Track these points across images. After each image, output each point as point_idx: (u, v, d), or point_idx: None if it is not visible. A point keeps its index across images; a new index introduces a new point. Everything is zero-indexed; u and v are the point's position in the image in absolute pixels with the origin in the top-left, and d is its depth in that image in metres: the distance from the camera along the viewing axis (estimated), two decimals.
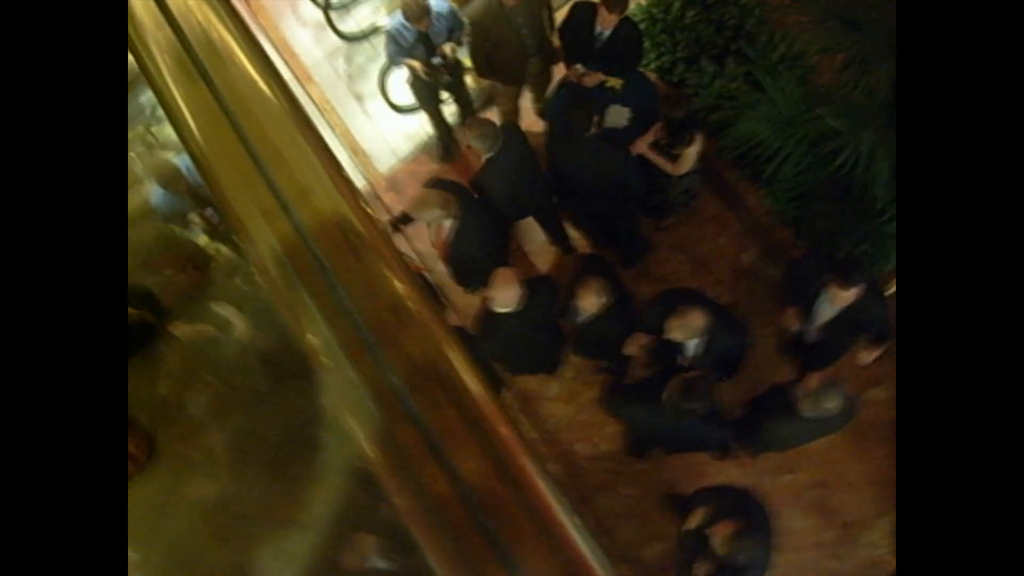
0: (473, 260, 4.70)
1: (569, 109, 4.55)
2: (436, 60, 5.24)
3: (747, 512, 3.91)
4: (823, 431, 4.24)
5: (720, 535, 3.71)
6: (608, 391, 4.68)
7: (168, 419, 2.59)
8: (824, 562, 4.94)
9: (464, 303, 5.63)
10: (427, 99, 5.78)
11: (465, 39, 5.23)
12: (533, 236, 5.90)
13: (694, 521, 4.08)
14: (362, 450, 1.77)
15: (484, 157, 4.60)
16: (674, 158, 4.79)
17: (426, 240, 4.99)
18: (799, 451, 5.08)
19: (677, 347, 4.32)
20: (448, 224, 4.48)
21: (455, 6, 5.20)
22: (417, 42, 5.07)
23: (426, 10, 4.78)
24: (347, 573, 2.79)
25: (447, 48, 5.21)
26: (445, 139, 6.20)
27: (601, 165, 4.67)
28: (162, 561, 2.39)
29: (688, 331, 4.08)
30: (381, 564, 2.96)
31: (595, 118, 4.48)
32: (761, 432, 4.45)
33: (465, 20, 5.05)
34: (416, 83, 5.56)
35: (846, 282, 3.95)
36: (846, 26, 4.25)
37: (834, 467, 5.15)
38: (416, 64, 5.23)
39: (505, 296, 4.12)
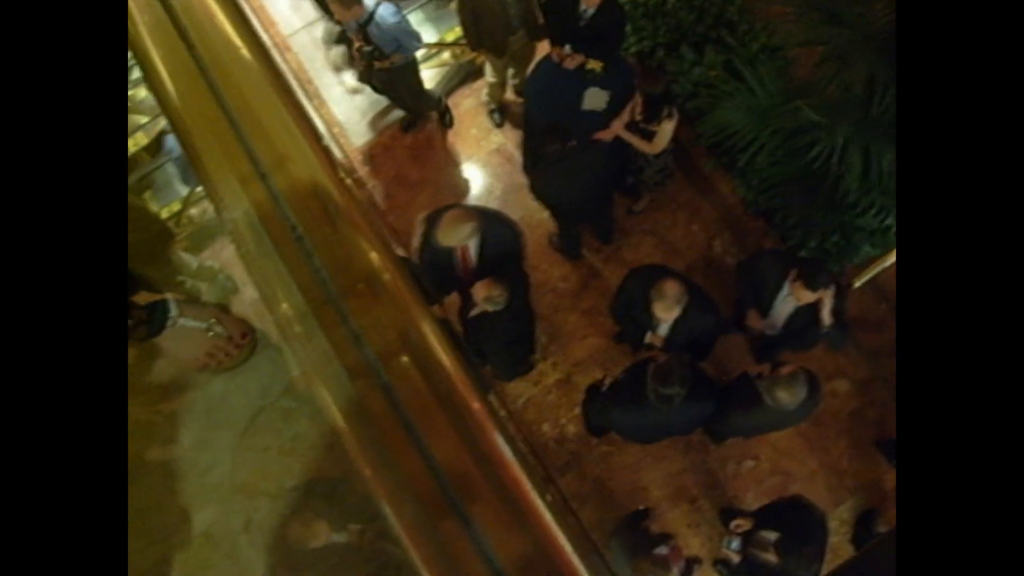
0: (504, 264, 4.41)
1: (542, 141, 4.47)
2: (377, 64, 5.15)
3: None
4: (789, 420, 4.28)
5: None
6: (588, 402, 4.48)
7: (136, 385, 2.55)
8: None
9: None
10: (378, 87, 5.75)
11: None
12: None
13: None
14: (333, 422, 1.76)
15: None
16: (650, 136, 4.80)
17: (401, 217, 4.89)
18: (762, 439, 5.16)
19: (648, 324, 4.34)
20: (473, 242, 4.26)
21: (405, 24, 5.04)
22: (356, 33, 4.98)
23: (352, 2, 4.64)
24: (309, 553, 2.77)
25: (395, 57, 5.10)
26: (409, 116, 6.18)
27: (580, 179, 4.66)
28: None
29: (671, 300, 3.98)
30: (339, 539, 2.94)
31: (567, 145, 4.42)
32: (728, 420, 4.48)
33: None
34: (362, 74, 5.55)
35: (810, 285, 4.00)
36: (827, 19, 4.27)
37: (795, 456, 5.24)
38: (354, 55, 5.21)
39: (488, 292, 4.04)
